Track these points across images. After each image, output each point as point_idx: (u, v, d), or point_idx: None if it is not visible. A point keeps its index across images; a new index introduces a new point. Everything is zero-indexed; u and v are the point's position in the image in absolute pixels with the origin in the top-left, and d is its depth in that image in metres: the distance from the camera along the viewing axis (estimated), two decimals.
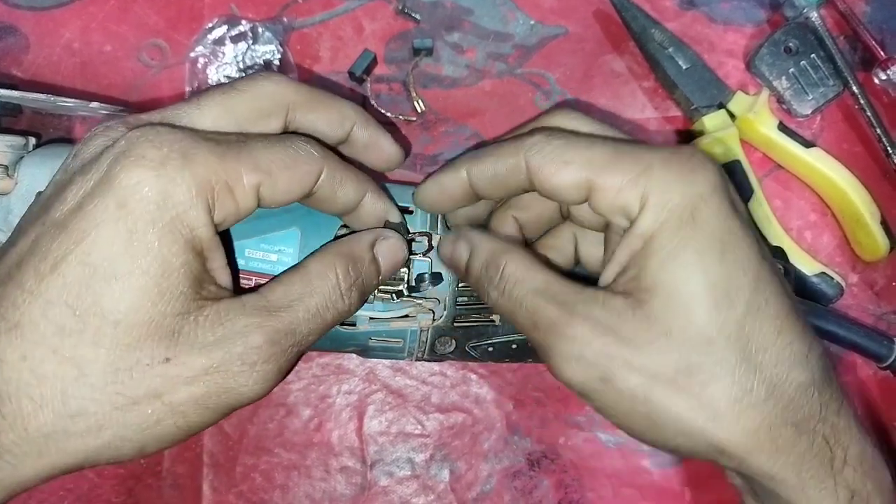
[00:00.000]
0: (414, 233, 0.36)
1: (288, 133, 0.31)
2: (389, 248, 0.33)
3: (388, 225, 0.34)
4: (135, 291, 0.25)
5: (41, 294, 0.25)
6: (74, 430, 0.25)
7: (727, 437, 0.27)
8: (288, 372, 0.29)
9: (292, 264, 0.34)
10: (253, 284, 0.33)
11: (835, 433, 0.27)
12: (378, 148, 0.34)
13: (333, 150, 0.33)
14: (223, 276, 0.29)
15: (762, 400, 0.27)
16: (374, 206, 0.33)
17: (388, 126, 0.46)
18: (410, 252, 0.35)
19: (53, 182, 0.28)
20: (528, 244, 0.35)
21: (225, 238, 0.30)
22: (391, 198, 0.35)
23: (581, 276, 0.33)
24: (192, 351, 0.26)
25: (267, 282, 0.30)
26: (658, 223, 0.27)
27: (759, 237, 0.30)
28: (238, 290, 0.30)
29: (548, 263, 0.32)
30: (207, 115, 0.29)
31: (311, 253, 0.32)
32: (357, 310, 0.32)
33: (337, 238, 0.34)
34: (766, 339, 0.27)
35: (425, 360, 0.40)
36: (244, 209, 0.28)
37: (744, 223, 0.28)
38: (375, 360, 0.45)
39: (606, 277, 0.29)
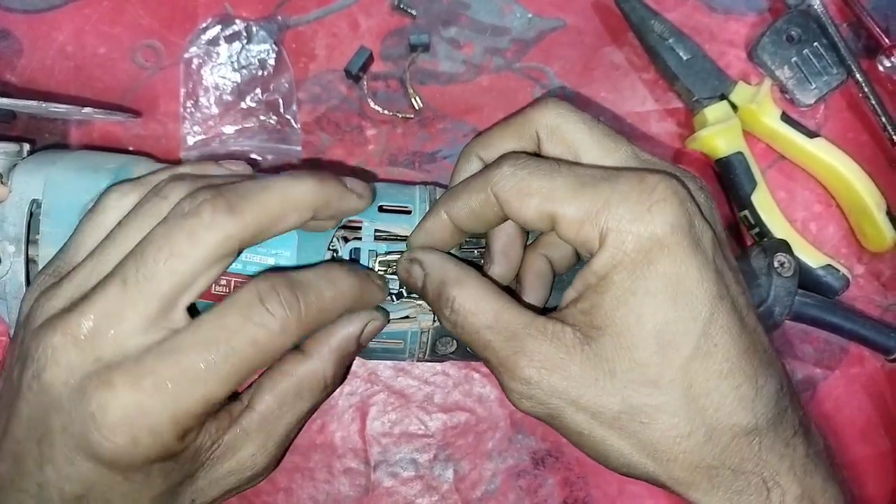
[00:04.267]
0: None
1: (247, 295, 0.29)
2: (371, 331, 0.34)
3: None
4: None
5: None
6: None
7: (666, 473, 0.28)
8: None
9: (290, 266, 0.33)
10: None
11: (774, 476, 0.28)
12: (345, 212, 0.33)
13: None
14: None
15: (701, 443, 0.27)
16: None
17: (371, 125, 0.46)
18: None
19: (28, 387, 0.28)
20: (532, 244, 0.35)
21: None
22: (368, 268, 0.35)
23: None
24: (213, 487, 0.31)
25: (257, 389, 0.32)
26: (613, 263, 0.27)
27: (725, 263, 0.29)
28: None
29: (500, 287, 0.31)
30: (153, 295, 0.27)
31: (303, 352, 0.32)
32: None
33: (332, 249, 0.35)
34: (710, 384, 0.27)
35: (427, 361, 0.39)
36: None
37: (703, 260, 0.28)
38: (377, 361, 0.45)
39: (563, 301, 0.30)
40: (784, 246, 0.40)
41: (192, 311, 0.29)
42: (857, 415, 0.45)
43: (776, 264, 0.39)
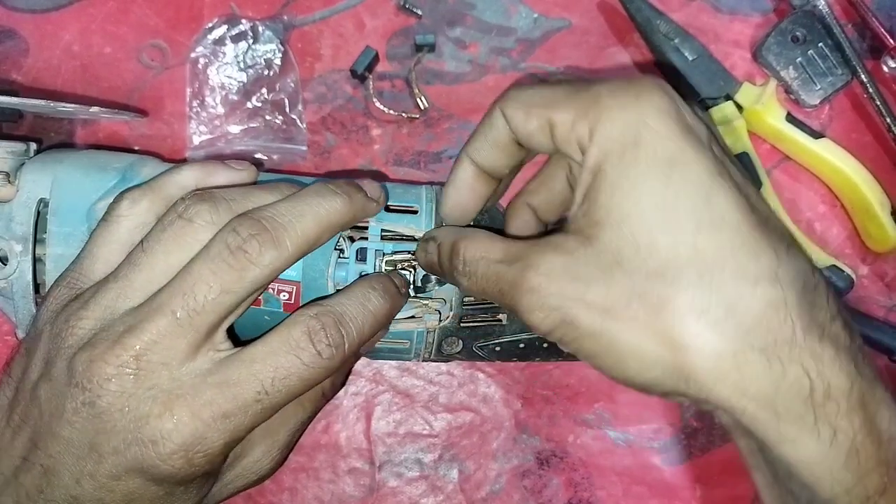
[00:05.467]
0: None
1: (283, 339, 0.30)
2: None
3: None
4: None
5: None
6: None
7: (686, 364, 0.24)
8: None
9: (296, 266, 0.33)
10: None
11: (816, 362, 0.24)
12: (364, 218, 0.35)
13: None
14: None
15: (720, 320, 0.24)
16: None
17: (387, 124, 0.46)
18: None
19: (82, 401, 0.29)
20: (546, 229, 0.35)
21: None
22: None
23: None
24: (221, 491, 0.33)
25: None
26: (604, 153, 0.27)
27: (725, 156, 0.28)
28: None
29: (508, 236, 0.32)
30: (203, 326, 0.29)
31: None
32: None
33: (338, 248, 0.35)
34: (724, 255, 0.25)
35: (432, 361, 0.39)
36: None
37: (697, 142, 0.26)
38: (382, 360, 0.45)
39: (568, 217, 0.29)
40: None
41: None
42: None
43: None
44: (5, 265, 0.35)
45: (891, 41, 0.46)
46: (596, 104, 0.27)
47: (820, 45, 0.46)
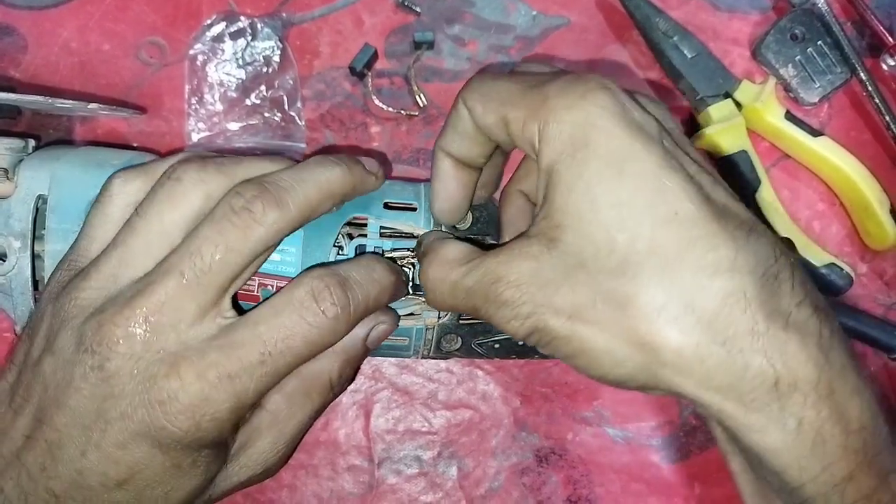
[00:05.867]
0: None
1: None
2: (379, 334, 0.34)
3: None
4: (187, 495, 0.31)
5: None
6: None
7: (653, 360, 0.25)
8: None
9: (295, 263, 0.33)
10: (255, 285, 0.33)
11: (781, 353, 0.24)
12: (364, 193, 0.34)
13: None
14: None
15: (680, 315, 0.25)
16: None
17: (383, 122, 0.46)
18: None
19: (85, 363, 0.29)
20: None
21: None
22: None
23: None
24: (225, 482, 0.32)
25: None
26: (556, 154, 0.27)
27: (677, 148, 0.28)
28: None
29: (468, 241, 0.32)
30: (210, 287, 0.29)
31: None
32: None
33: (337, 245, 0.35)
34: (681, 248, 0.25)
35: (431, 358, 0.39)
36: None
37: (645, 138, 0.26)
38: (381, 357, 0.45)
39: (533, 218, 0.29)
40: (788, 244, 0.40)
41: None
42: None
43: None
44: (4, 261, 0.35)
45: (890, 39, 0.46)
46: (544, 105, 0.27)
47: (819, 43, 0.46)
